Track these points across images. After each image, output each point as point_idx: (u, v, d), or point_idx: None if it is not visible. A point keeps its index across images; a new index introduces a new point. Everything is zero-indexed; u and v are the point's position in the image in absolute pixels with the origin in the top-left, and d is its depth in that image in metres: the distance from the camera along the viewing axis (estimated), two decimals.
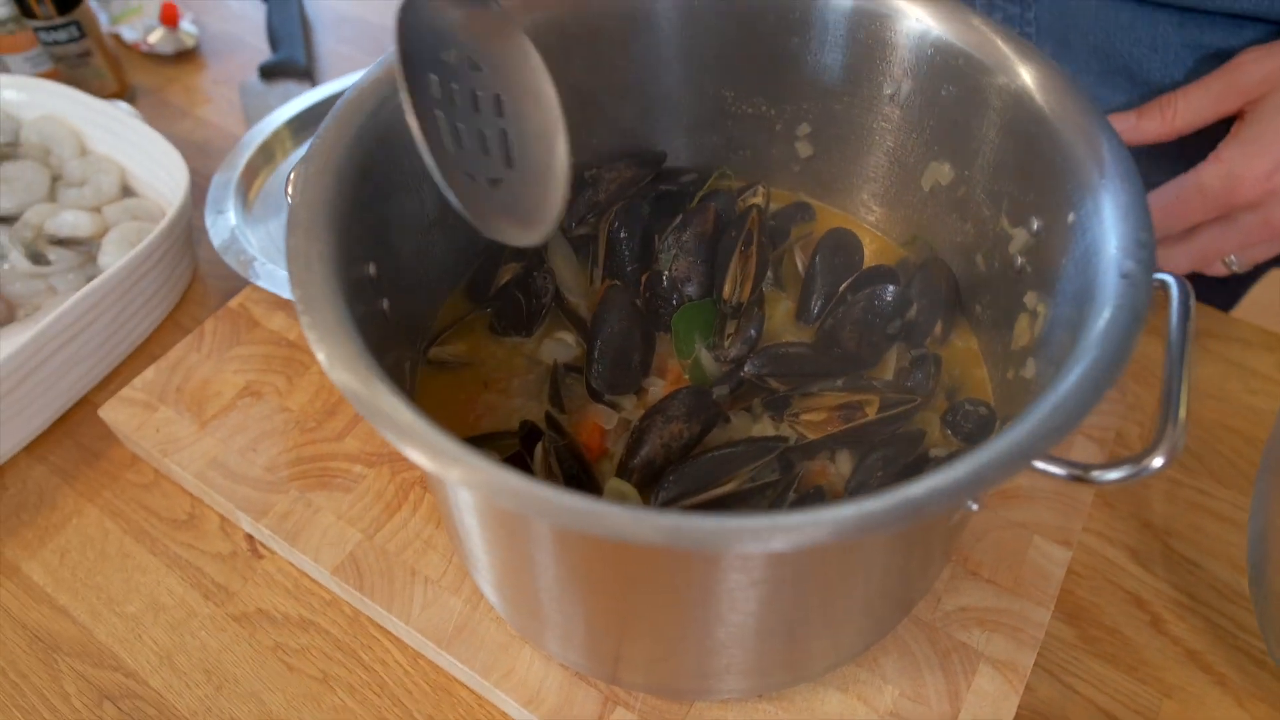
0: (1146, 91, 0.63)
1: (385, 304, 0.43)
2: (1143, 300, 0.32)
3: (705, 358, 0.49)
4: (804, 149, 0.55)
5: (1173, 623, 0.52)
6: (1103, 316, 0.32)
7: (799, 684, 0.46)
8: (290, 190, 0.38)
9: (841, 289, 0.51)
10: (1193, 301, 0.38)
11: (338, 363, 0.31)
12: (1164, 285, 0.39)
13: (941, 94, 0.46)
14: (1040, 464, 0.34)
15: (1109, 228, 0.35)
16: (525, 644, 0.48)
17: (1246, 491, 0.58)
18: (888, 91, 0.49)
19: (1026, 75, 0.40)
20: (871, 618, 0.43)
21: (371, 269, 0.41)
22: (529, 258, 0.53)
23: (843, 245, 0.53)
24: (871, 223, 0.56)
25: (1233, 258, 0.54)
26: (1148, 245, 0.34)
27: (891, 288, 0.49)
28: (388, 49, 0.42)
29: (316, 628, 0.52)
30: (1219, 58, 0.53)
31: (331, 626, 0.52)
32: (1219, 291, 0.75)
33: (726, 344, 0.50)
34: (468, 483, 0.28)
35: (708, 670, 0.41)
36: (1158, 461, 0.33)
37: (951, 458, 0.43)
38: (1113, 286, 0.34)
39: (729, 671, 0.41)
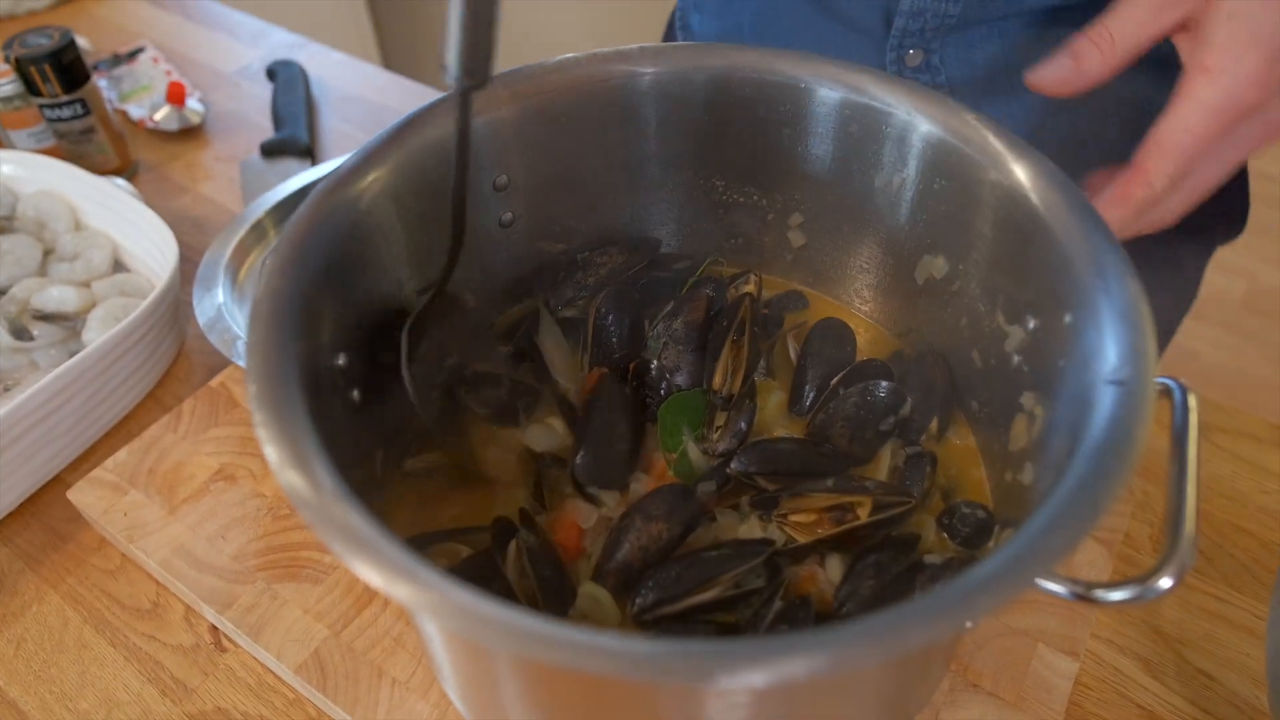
0: (1079, 112, 0.62)
1: (355, 394, 0.41)
2: (1143, 412, 0.31)
3: (693, 451, 0.47)
4: (797, 238, 0.54)
5: None
6: (1101, 429, 0.31)
7: None
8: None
9: (833, 383, 0.49)
10: (1195, 403, 0.36)
11: (287, 464, 0.30)
12: (1166, 389, 0.37)
13: (934, 187, 0.46)
14: (1040, 581, 0.32)
15: (1107, 332, 0.34)
16: None
17: (1263, 598, 0.55)
18: (879, 184, 0.48)
19: (1020, 172, 0.39)
20: None
21: (341, 360, 0.39)
22: (517, 343, 0.52)
23: (835, 335, 0.51)
24: (865, 313, 0.55)
25: None
26: (1147, 354, 0.32)
27: (885, 383, 0.47)
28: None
29: None
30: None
31: None
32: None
33: (715, 437, 0.48)
34: (415, 604, 0.26)
35: None
36: (1166, 582, 0.31)
37: (946, 568, 0.41)
38: (1111, 396, 0.32)
39: None
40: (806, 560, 0.44)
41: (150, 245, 0.71)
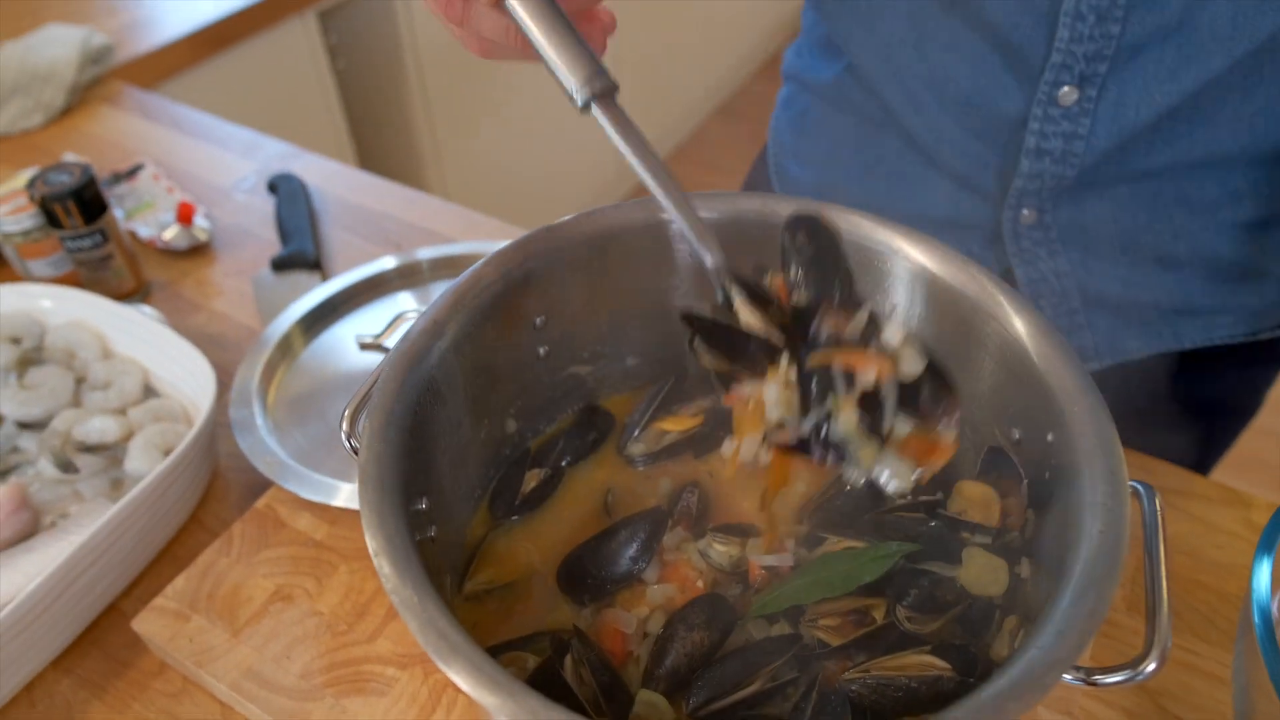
0: (1181, 273, 0.65)
1: (433, 531, 0.46)
2: (1122, 528, 0.37)
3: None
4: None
5: None
6: (1090, 544, 0.37)
7: None
8: (350, 440, 0.42)
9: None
10: (1162, 506, 0.43)
11: (411, 610, 0.35)
12: (1135, 492, 0.44)
13: (934, 326, 0.51)
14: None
15: (1085, 455, 0.40)
16: None
17: (1225, 646, 0.62)
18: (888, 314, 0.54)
19: (1020, 326, 0.45)
20: None
21: (424, 503, 0.44)
22: (551, 464, 0.57)
23: None
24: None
25: None
26: (1121, 478, 0.39)
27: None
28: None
29: None
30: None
31: None
32: (1190, 453, 0.79)
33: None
34: (503, 712, 0.31)
35: None
36: (1152, 665, 0.38)
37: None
38: (1094, 510, 0.38)
39: None
40: (834, 657, 0.49)
41: (179, 369, 0.75)
